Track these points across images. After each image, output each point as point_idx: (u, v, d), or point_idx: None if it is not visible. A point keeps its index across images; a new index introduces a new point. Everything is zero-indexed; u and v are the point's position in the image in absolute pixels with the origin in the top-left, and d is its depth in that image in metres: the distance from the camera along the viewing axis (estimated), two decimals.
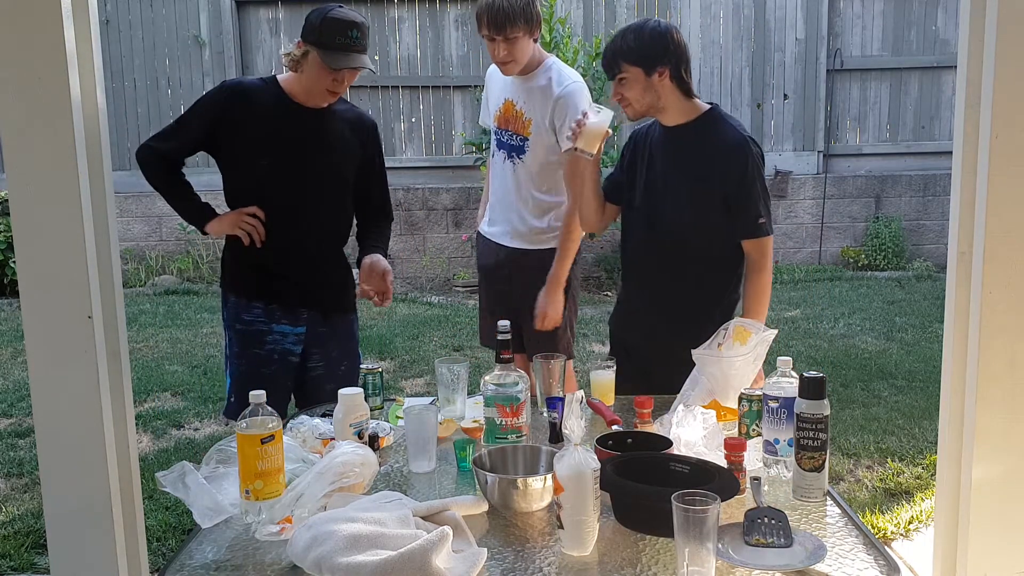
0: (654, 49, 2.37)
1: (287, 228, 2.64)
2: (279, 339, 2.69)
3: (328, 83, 2.54)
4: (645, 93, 2.40)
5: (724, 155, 2.40)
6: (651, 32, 2.39)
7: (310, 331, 2.73)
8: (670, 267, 2.51)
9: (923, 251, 8.40)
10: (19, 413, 4.54)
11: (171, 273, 7.95)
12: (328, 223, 2.71)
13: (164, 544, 3.11)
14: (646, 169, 2.54)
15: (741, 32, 8.49)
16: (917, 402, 4.50)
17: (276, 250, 2.65)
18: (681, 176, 2.46)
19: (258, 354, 2.69)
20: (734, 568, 1.43)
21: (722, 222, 2.43)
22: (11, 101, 1.55)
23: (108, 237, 1.69)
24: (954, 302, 1.61)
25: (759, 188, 2.42)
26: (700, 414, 1.92)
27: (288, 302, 2.69)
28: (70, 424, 1.62)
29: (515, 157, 2.99)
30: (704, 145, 2.43)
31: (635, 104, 2.42)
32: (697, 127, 2.45)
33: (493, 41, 2.84)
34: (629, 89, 2.40)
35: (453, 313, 6.79)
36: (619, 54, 2.39)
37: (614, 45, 2.41)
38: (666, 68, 2.37)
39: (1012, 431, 1.57)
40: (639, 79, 2.38)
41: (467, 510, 1.63)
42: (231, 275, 2.77)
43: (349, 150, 2.72)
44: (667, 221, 2.48)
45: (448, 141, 8.53)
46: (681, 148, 2.47)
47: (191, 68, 8.29)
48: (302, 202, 2.65)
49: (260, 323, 2.68)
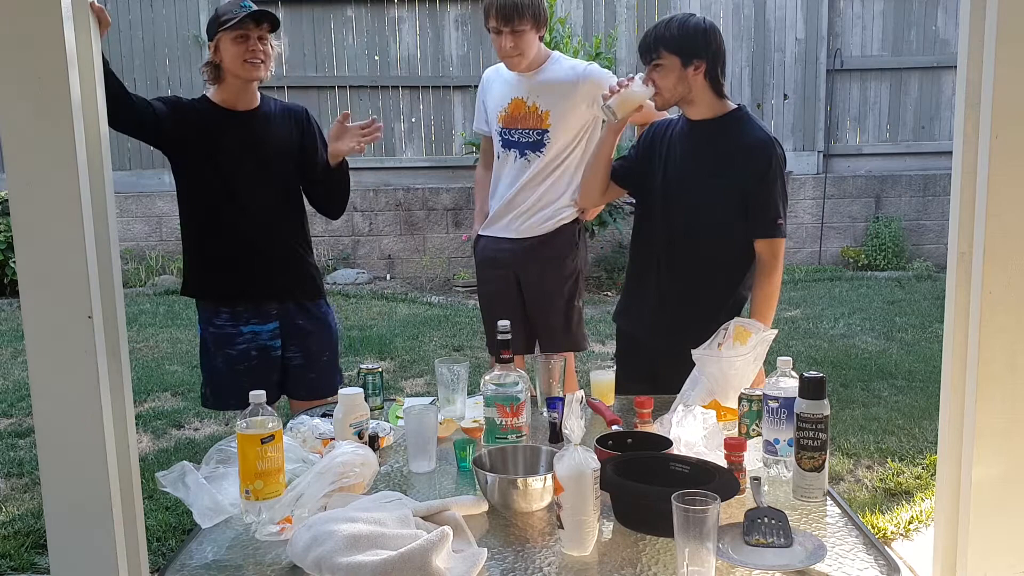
0: (695, 42, 2.39)
1: (237, 227, 2.73)
2: (251, 338, 2.76)
3: (243, 52, 2.60)
4: (678, 84, 2.41)
5: (748, 152, 2.41)
6: (695, 25, 2.41)
7: (284, 324, 2.81)
8: (681, 262, 2.51)
9: (923, 251, 8.40)
10: (19, 413, 4.54)
11: (171, 273, 7.94)
12: (276, 215, 2.78)
13: (164, 544, 3.11)
14: (665, 162, 2.54)
15: (741, 32, 8.49)
16: (917, 402, 4.50)
17: (231, 249, 2.75)
18: (702, 170, 2.46)
19: (230, 354, 2.77)
20: (734, 568, 1.43)
21: (738, 220, 2.44)
22: (11, 101, 1.55)
23: (108, 237, 1.69)
24: (954, 302, 1.61)
25: (779, 188, 2.42)
26: (700, 414, 1.92)
27: (253, 300, 2.77)
28: (70, 424, 1.61)
29: (530, 153, 3.00)
30: (728, 141, 2.43)
31: (665, 93, 2.43)
32: (723, 123, 2.46)
33: (500, 34, 2.87)
34: (663, 77, 2.41)
35: (453, 313, 6.79)
36: (660, 40, 2.39)
37: (656, 31, 2.42)
38: (703, 63, 2.39)
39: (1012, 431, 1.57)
40: (674, 68, 2.39)
41: (467, 510, 1.63)
42: (194, 281, 2.83)
43: (284, 141, 2.79)
44: (683, 215, 2.49)
45: (448, 141, 8.53)
46: (705, 143, 2.47)
47: (191, 68, 8.28)
48: (247, 200, 2.73)
49: (229, 327, 2.76)
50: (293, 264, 2.84)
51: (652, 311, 2.58)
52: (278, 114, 2.81)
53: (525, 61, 2.93)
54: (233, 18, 2.57)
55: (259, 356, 2.77)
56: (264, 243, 2.76)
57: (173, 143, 2.71)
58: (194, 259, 2.80)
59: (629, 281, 2.77)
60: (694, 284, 2.50)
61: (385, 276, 8.24)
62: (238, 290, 2.77)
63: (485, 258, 3.20)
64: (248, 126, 2.73)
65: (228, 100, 2.72)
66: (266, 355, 2.78)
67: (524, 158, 3.02)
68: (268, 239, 2.77)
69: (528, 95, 3.00)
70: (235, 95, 2.71)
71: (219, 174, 2.70)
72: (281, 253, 2.80)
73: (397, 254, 8.27)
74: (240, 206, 2.72)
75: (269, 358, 2.79)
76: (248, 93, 2.72)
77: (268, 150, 2.75)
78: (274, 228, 2.78)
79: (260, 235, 2.76)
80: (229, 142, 2.70)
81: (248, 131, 2.73)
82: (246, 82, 2.68)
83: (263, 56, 2.64)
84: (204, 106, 2.73)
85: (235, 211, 2.72)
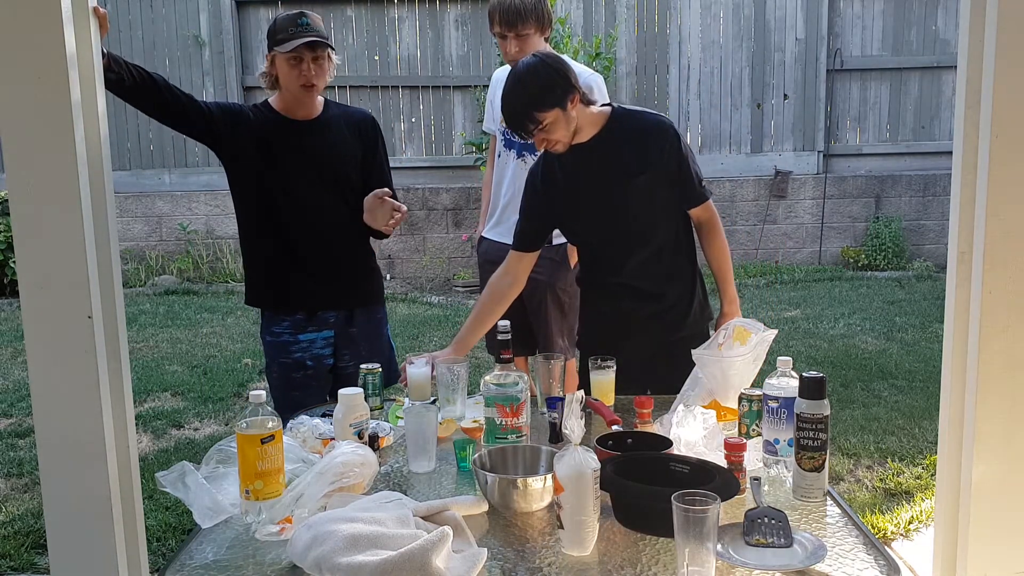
0: (559, 86, 2.29)
1: (294, 236, 2.71)
2: (307, 347, 2.76)
3: (298, 75, 2.58)
4: (568, 125, 2.34)
5: (653, 138, 2.41)
6: (542, 70, 2.30)
7: (339, 333, 2.79)
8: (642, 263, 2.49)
9: (923, 251, 8.40)
10: (19, 413, 4.54)
11: (171, 273, 7.95)
12: (333, 224, 2.74)
13: (164, 544, 3.11)
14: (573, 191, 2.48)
15: (741, 32, 8.49)
16: (917, 402, 4.50)
17: (288, 259, 2.72)
18: (619, 176, 2.43)
19: (286, 363, 2.77)
20: (734, 568, 1.43)
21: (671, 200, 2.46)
22: (11, 101, 1.55)
23: (108, 237, 1.69)
24: (954, 302, 1.61)
25: (691, 154, 2.47)
26: (700, 414, 1.92)
27: (309, 308, 2.75)
28: (70, 424, 1.61)
29: (527, 155, 3.02)
30: (629, 139, 2.42)
31: (563, 140, 2.36)
32: (613, 130, 2.43)
33: (505, 39, 2.88)
34: (554, 132, 2.32)
35: (453, 313, 6.79)
36: (532, 106, 2.28)
37: (520, 101, 2.30)
38: (575, 94, 2.32)
39: (1012, 431, 1.57)
40: (559, 118, 2.30)
41: (467, 510, 1.63)
42: (254, 289, 2.83)
43: (347, 151, 2.75)
44: (627, 221, 2.46)
45: (448, 141, 8.54)
46: (605, 154, 2.43)
47: (191, 68, 8.29)
48: (304, 209, 2.70)
49: (287, 335, 2.76)
50: (352, 272, 2.80)
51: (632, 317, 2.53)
52: (340, 122, 2.76)
53: None
54: (287, 38, 2.54)
55: (313, 366, 2.76)
56: (322, 252, 2.73)
57: (230, 150, 2.67)
58: (253, 268, 2.79)
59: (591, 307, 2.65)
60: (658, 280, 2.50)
61: (385, 276, 8.24)
62: (295, 300, 2.75)
63: (488, 260, 3.21)
64: (307, 135, 2.69)
65: (288, 108, 2.68)
66: (319, 364, 2.77)
67: (521, 159, 3.03)
68: (326, 248, 2.73)
69: None
70: (294, 103, 2.67)
71: (276, 182, 2.67)
72: (339, 262, 2.76)
73: (397, 254, 8.27)
74: (296, 215, 2.69)
75: (321, 367, 2.78)
76: (308, 102, 2.69)
77: (326, 159, 2.70)
78: (332, 237, 2.74)
79: (317, 244, 2.72)
80: (286, 151, 2.67)
81: (307, 140, 2.69)
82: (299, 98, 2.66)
83: (316, 78, 2.61)
84: (264, 113, 2.70)
85: (291, 220, 2.69)
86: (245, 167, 2.68)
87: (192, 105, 2.58)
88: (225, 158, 2.71)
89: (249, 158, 2.66)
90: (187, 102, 2.57)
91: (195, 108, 2.59)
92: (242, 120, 2.67)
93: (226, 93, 8.22)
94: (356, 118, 2.81)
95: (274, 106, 2.70)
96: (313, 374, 2.76)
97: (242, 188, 2.73)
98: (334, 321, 2.78)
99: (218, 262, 8.05)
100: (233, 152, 2.68)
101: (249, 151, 2.66)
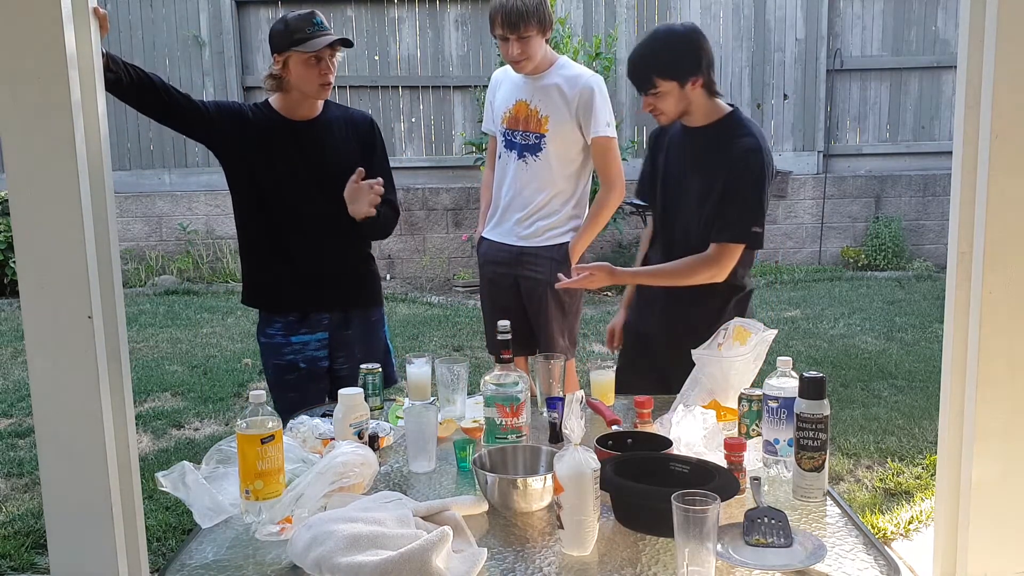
0: (688, 61, 2.35)
1: (290, 237, 2.70)
2: (299, 348, 2.74)
3: (317, 75, 2.58)
4: (679, 103, 2.39)
5: (737, 152, 2.41)
6: (681, 41, 2.38)
7: (333, 336, 2.78)
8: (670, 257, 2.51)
9: (923, 251, 8.40)
10: (19, 413, 4.54)
11: (171, 273, 7.94)
12: (330, 224, 2.72)
13: (164, 544, 3.11)
14: (664, 166, 2.56)
15: (741, 32, 8.49)
16: (917, 402, 4.50)
17: (283, 259, 2.72)
18: (695, 178, 2.47)
19: (279, 364, 2.76)
20: (734, 568, 1.43)
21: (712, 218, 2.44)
22: (11, 101, 1.55)
23: (108, 237, 1.69)
24: (954, 302, 1.61)
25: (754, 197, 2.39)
26: (700, 414, 1.92)
27: (304, 310, 2.74)
28: (70, 424, 1.61)
29: (528, 156, 3.02)
30: (720, 150, 2.43)
31: (668, 113, 2.42)
32: (717, 130, 2.45)
33: (507, 41, 2.88)
34: (663, 101, 2.39)
35: (453, 313, 6.79)
36: (652, 69, 2.35)
37: (645, 59, 2.37)
38: (700, 78, 2.36)
39: (1012, 431, 1.57)
40: (673, 91, 2.36)
41: (467, 510, 1.63)
42: (250, 290, 2.83)
43: (346, 152, 2.73)
44: (679, 222, 2.50)
45: (448, 141, 8.53)
46: (699, 150, 2.47)
47: (191, 68, 8.29)
48: (301, 209, 2.69)
49: (279, 336, 2.75)
50: (346, 274, 2.79)
51: (663, 310, 2.59)
52: (339, 123, 2.76)
53: (532, 64, 2.95)
54: (306, 38, 2.53)
55: (307, 368, 2.75)
56: (314, 253, 2.72)
57: (228, 149, 2.67)
58: (249, 268, 2.79)
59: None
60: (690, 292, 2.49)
61: (385, 276, 8.24)
62: (287, 301, 2.74)
63: (488, 260, 3.21)
64: (305, 136, 2.69)
65: (288, 109, 2.68)
66: (313, 365, 2.75)
67: (522, 159, 3.03)
68: (318, 250, 2.72)
69: (531, 98, 3.01)
70: (296, 105, 2.67)
71: (272, 182, 2.66)
72: (332, 264, 2.75)
73: (397, 254, 8.27)
74: (289, 216, 2.69)
75: (316, 368, 2.76)
76: (310, 103, 2.68)
77: (324, 160, 2.70)
78: (325, 238, 2.72)
79: (310, 245, 2.71)
80: (285, 151, 2.66)
81: (305, 141, 2.68)
82: (313, 98, 2.66)
83: (332, 76, 2.61)
84: (264, 113, 2.69)
85: (284, 221, 2.69)
86: (242, 166, 2.68)
87: (190, 105, 2.58)
88: (223, 158, 2.70)
89: (246, 157, 2.66)
90: (185, 102, 2.57)
91: (193, 108, 2.58)
92: (241, 119, 2.66)
93: (226, 93, 8.22)
94: (355, 119, 2.81)
95: (274, 106, 2.70)
96: (307, 376, 2.75)
97: (239, 187, 2.72)
98: (328, 323, 2.77)
99: (218, 262, 8.05)
100: (231, 151, 2.68)
101: (247, 151, 2.65)
